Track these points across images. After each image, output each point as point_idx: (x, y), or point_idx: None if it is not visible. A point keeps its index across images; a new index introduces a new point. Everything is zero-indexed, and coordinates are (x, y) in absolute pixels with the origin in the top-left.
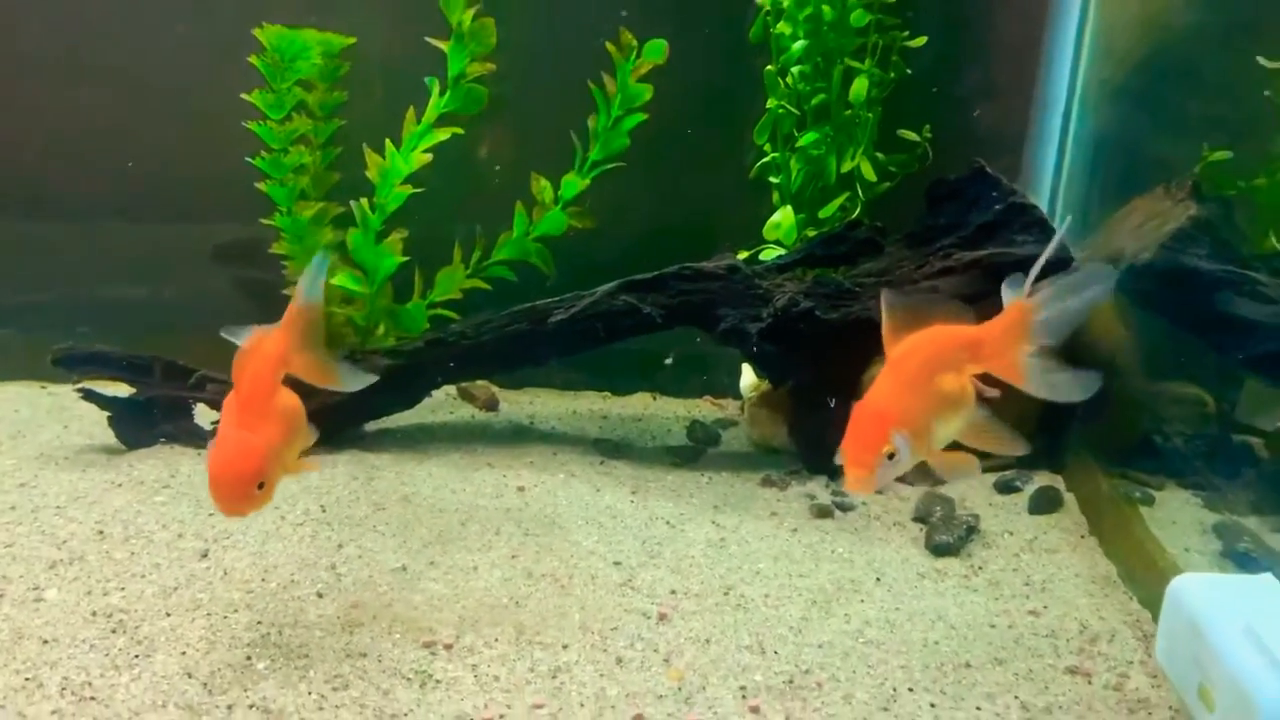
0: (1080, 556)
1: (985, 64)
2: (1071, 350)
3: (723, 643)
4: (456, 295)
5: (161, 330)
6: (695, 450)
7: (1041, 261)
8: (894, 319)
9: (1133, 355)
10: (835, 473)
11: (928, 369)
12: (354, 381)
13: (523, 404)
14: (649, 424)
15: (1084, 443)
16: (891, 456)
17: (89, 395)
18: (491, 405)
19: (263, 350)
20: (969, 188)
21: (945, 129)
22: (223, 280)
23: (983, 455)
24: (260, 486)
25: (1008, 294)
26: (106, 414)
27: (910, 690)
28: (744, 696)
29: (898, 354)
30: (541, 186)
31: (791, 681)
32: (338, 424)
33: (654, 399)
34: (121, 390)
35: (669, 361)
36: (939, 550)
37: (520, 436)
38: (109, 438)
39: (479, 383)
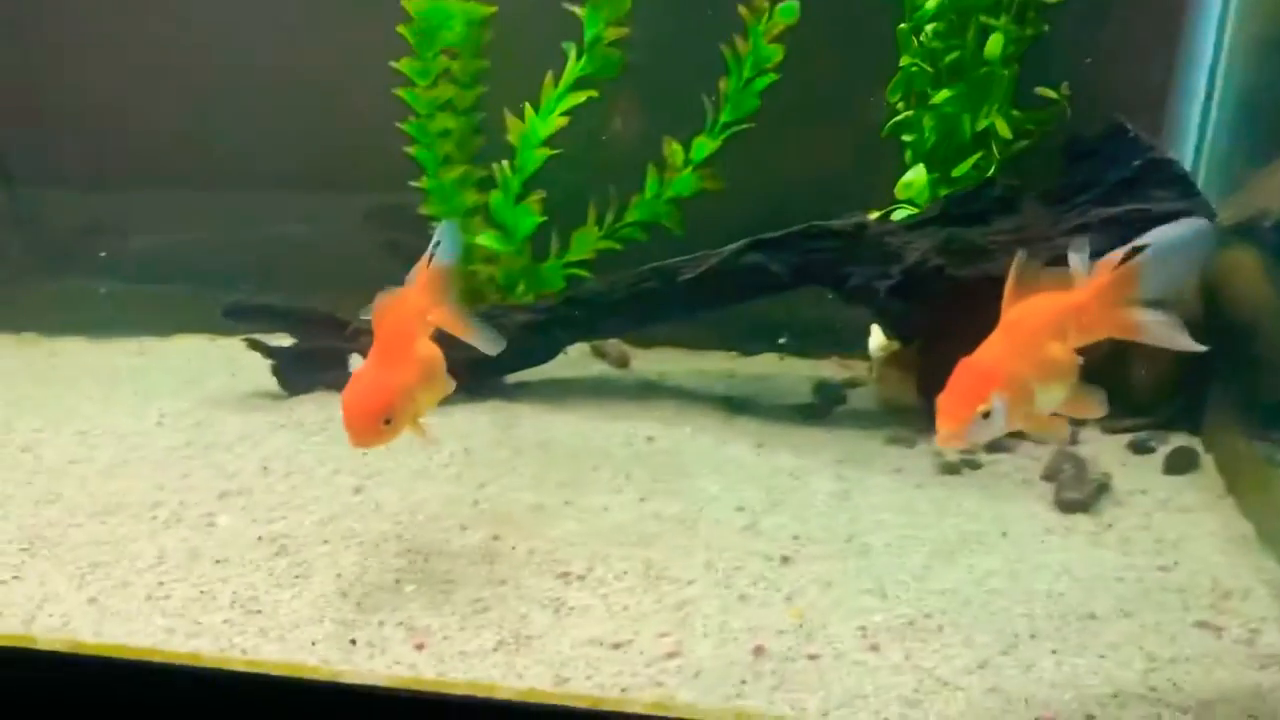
0: (1216, 516)
1: (1126, 19)
2: (1213, 307)
3: (844, 586)
4: (590, 255)
5: (317, 288)
6: (822, 408)
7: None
8: (1019, 281)
9: (1277, 315)
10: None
11: (1041, 335)
12: (487, 341)
13: (652, 361)
14: (776, 383)
15: (1224, 404)
16: (986, 416)
17: (255, 345)
18: (623, 362)
19: (403, 302)
20: (1107, 145)
21: (1085, 86)
22: (374, 241)
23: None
24: (388, 423)
25: (1073, 260)
26: (270, 362)
27: (1032, 637)
28: (864, 635)
29: (1013, 316)
30: (673, 149)
31: (912, 624)
32: (481, 376)
33: (781, 359)
34: (284, 341)
35: (782, 341)
36: (1068, 506)
37: (650, 392)
38: (272, 385)
39: (611, 340)
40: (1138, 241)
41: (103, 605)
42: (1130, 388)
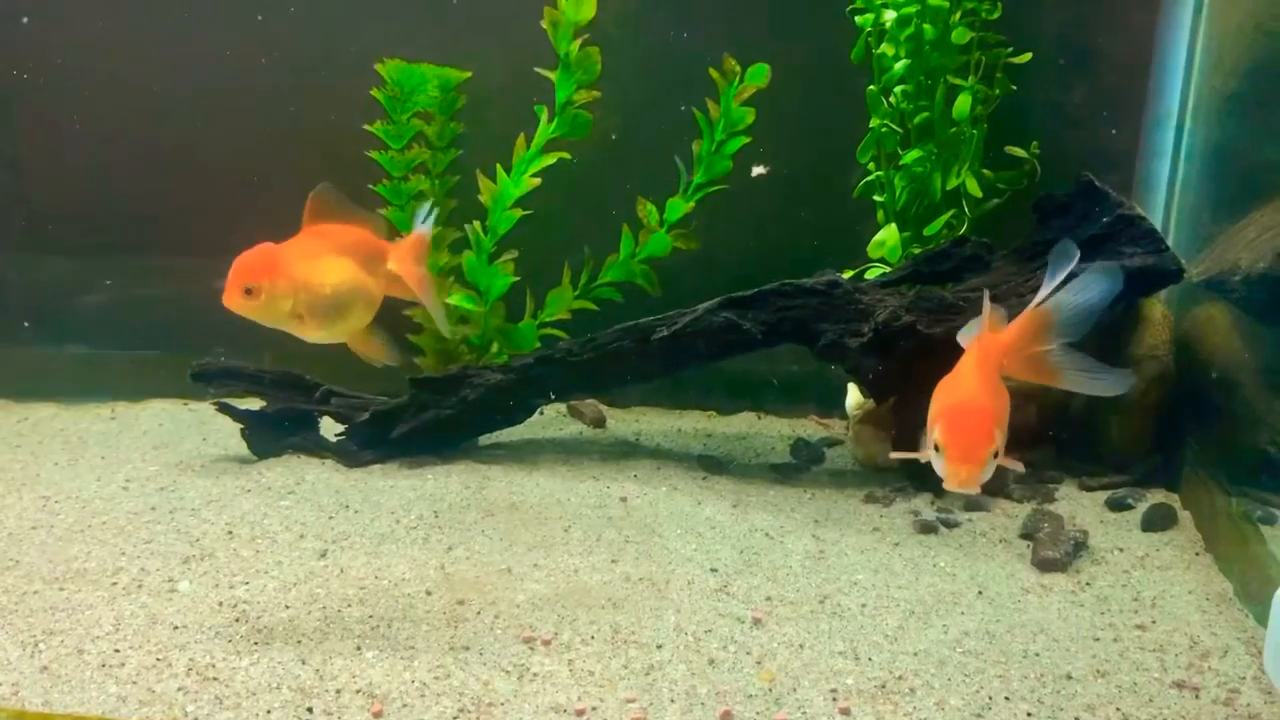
0: (1194, 574)
1: (1093, 78)
2: (1187, 363)
3: (816, 648)
4: (565, 315)
5: (289, 352)
6: (799, 467)
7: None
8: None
9: (1251, 370)
10: (940, 488)
11: (997, 371)
12: (440, 319)
13: (629, 421)
14: (753, 442)
15: (1200, 460)
16: (995, 454)
17: (224, 408)
18: (599, 422)
19: (368, 236)
20: (1078, 202)
21: (1053, 145)
22: None
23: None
24: (248, 292)
25: (986, 306)
26: (239, 426)
27: (1006, 699)
28: (834, 699)
29: (979, 356)
30: (647, 210)
31: (884, 686)
32: (454, 437)
33: (759, 418)
34: (254, 404)
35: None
36: (1045, 565)
37: (626, 451)
38: (242, 448)
39: (588, 400)
40: (1043, 292)
41: (54, 673)
42: (1106, 445)
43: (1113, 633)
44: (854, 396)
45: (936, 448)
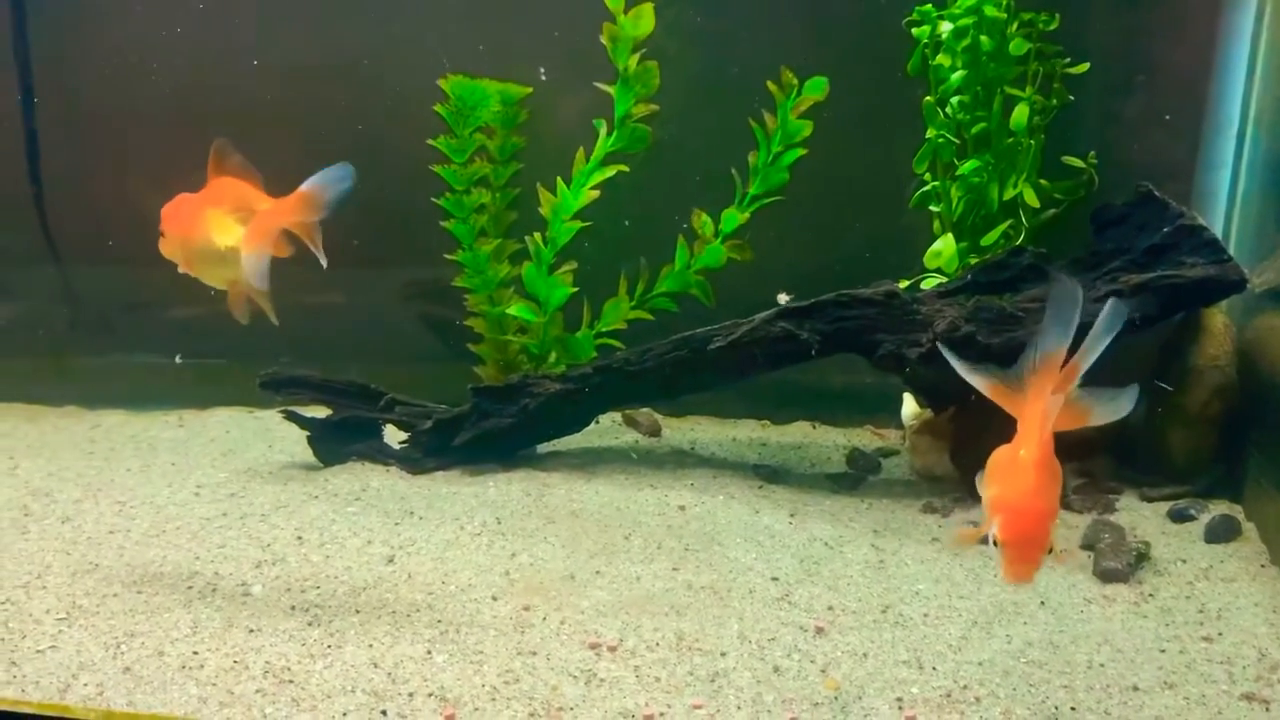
0: (1260, 586)
1: (1152, 88)
2: (1250, 373)
3: (880, 657)
4: (621, 325)
5: (353, 361)
6: (855, 477)
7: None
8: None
9: None
10: None
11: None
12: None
13: (684, 430)
14: (808, 451)
15: (1264, 471)
16: (1050, 550)
17: (291, 416)
18: (654, 431)
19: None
20: (1136, 212)
21: (1111, 155)
22: (407, 314)
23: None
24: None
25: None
26: (306, 434)
27: (1073, 709)
28: (900, 707)
29: (1045, 451)
30: (702, 221)
31: (949, 695)
32: (514, 445)
33: (814, 428)
34: (320, 412)
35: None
36: (1107, 576)
37: (682, 460)
38: (308, 455)
39: (643, 410)
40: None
41: (136, 674)
42: (1167, 456)
43: (1179, 644)
44: (910, 406)
45: (995, 541)
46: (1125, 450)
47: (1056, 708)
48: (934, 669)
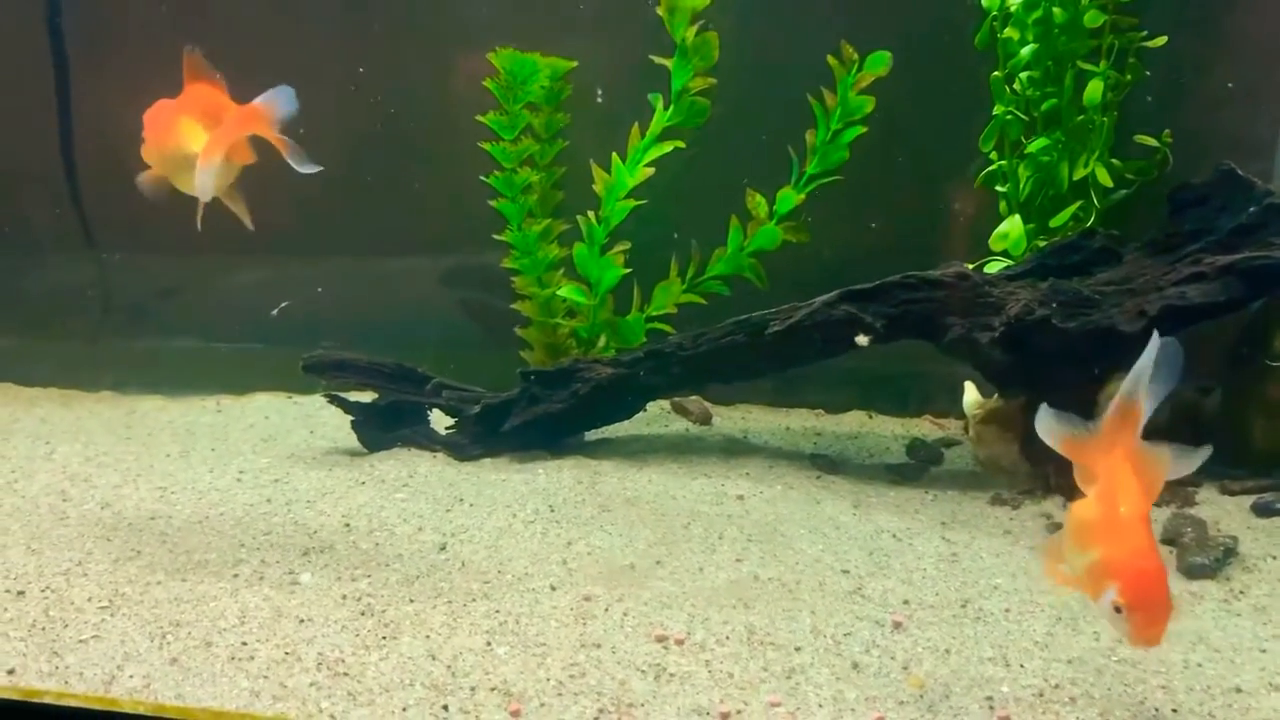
0: None
1: (1231, 63)
2: None
3: (963, 653)
4: (672, 310)
5: (393, 346)
6: (917, 468)
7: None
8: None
9: None
10: (1073, 492)
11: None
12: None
13: (735, 419)
14: (865, 441)
15: None
16: None
17: (335, 400)
18: (705, 419)
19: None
20: (1216, 192)
21: (1186, 133)
22: (452, 298)
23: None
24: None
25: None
26: (350, 419)
27: (1174, 711)
28: (991, 707)
29: (1147, 504)
30: (756, 201)
31: (1041, 695)
32: (563, 431)
33: (870, 417)
34: (364, 398)
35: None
36: (1193, 572)
37: (734, 449)
38: (351, 442)
39: (692, 397)
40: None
41: (184, 665)
42: (1248, 447)
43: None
44: (972, 395)
45: (1116, 607)
46: (1202, 441)
47: (1157, 709)
48: (1022, 666)
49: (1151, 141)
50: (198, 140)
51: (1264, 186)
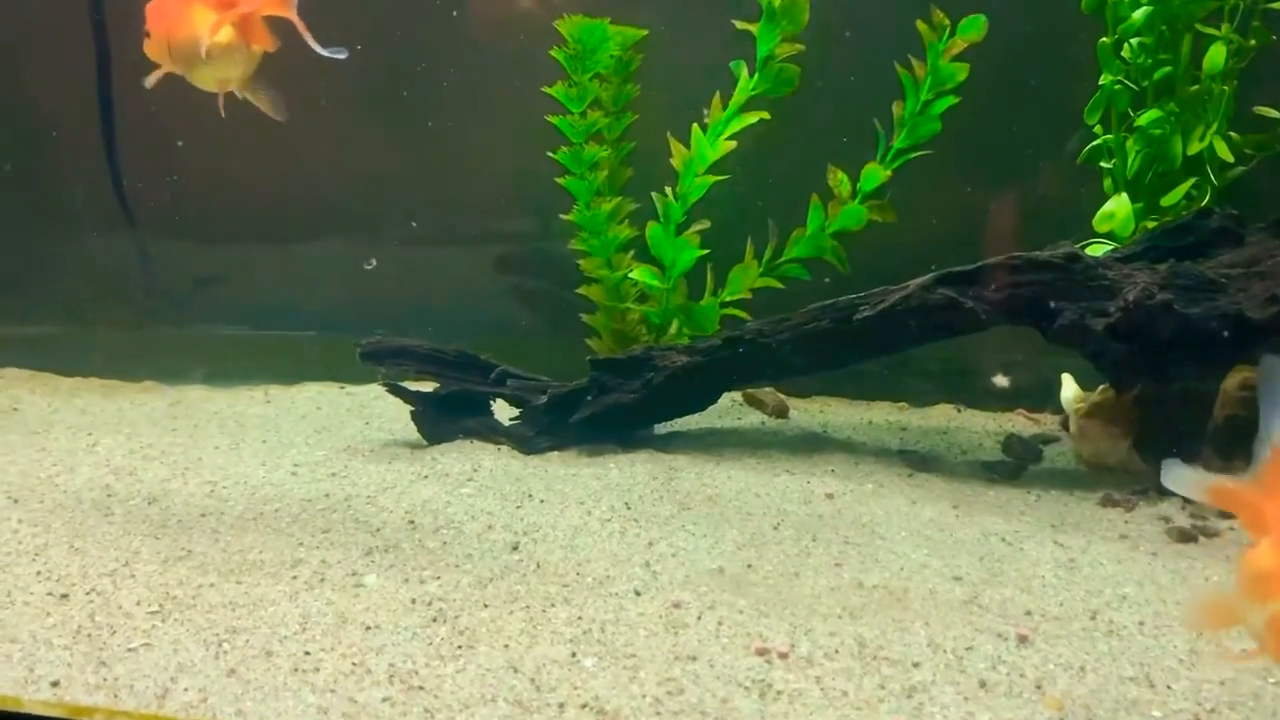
0: None
1: None
2: None
3: (1100, 672)
4: (747, 295)
5: (445, 335)
6: (1015, 466)
7: None
8: None
9: None
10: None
11: None
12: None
13: (813, 412)
14: (955, 437)
15: None
16: None
17: (395, 390)
18: (782, 412)
19: None
20: None
21: None
22: (513, 285)
23: None
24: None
25: None
26: (409, 409)
27: None
28: None
29: None
30: (839, 179)
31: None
32: (633, 423)
33: (958, 411)
34: (423, 387)
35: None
36: None
37: (816, 445)
38: (409, 433)
39: (766, 389)
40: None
41: (243, 677)
42: None
43: None
44: (1071, 388)
45: None
46: None
47: None
48: (1169, 688)
49: (1273, 113)
50: (211, 30)
51: None
